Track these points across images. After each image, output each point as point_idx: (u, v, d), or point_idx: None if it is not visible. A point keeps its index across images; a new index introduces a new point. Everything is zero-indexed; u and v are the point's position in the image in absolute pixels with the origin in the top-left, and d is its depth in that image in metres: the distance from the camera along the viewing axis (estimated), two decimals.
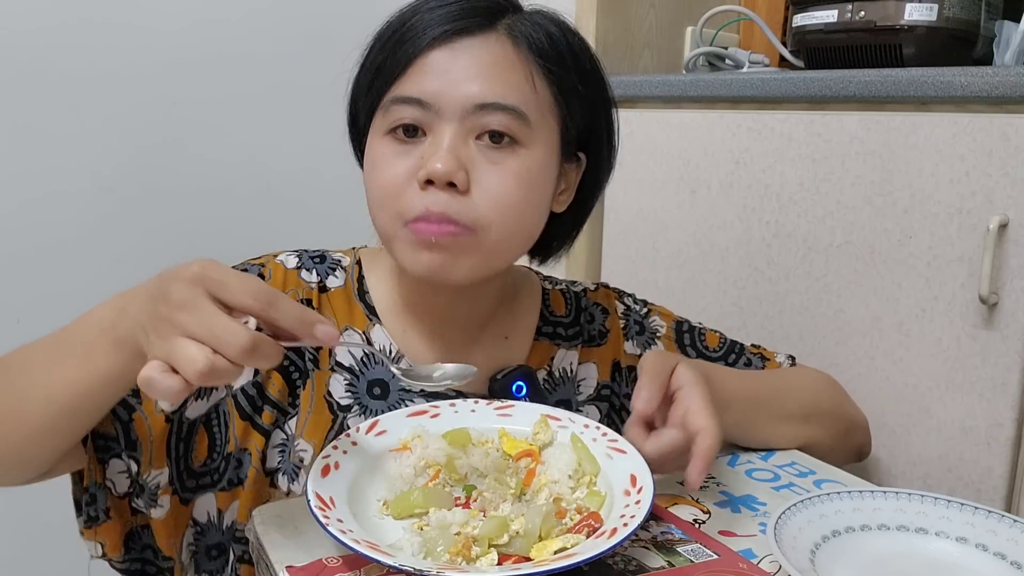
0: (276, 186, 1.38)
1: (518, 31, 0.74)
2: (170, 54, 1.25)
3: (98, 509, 0.72)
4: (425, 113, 0.72)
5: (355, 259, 0.85)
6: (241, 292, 0.56)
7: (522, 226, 0.76)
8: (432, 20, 0.73)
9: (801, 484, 0.75)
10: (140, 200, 1.26)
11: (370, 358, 0.80)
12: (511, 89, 0.72)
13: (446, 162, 0.70)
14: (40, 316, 1.20)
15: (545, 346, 0.87)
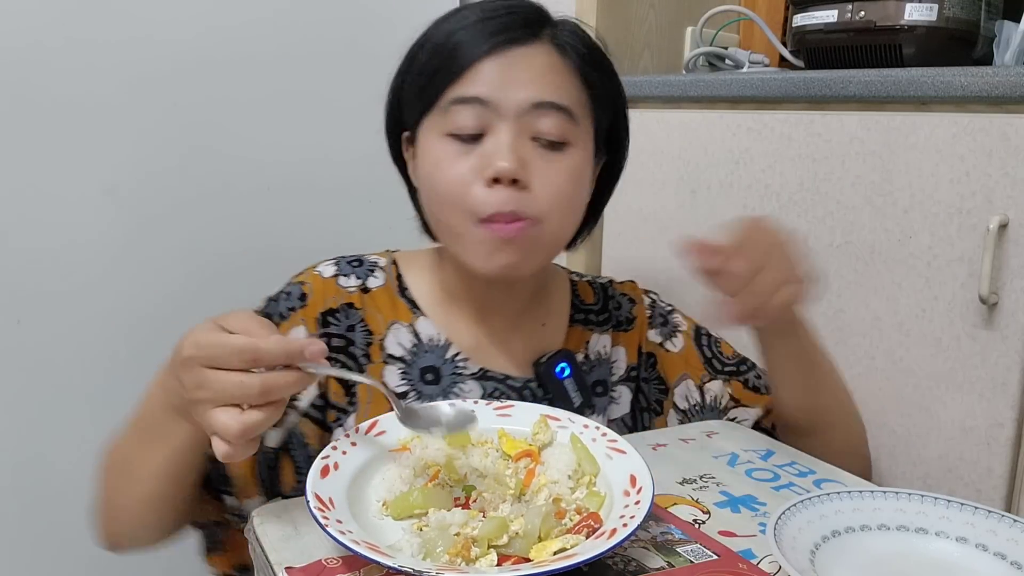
0: (276, 187, 1.38)
1: (560, 40, 0.82)
2: (175, 58, 1.25)
3: (215, 541, 0.82)
4: (485, 112, 0.78)
5: (391, 260, 0.92)
6: (230, 358, 0.60)
7: (573, 218, 0.84)
8: (484, 30, 0.79)
9: (801, 484, 0.75)
10: (140, 201, 1.25)
11: (419, 347, 0.87)
12: (562, 91, 0.80)
13: (511, 160, 0.76)
14: (40, 316, 1.21)
15: (579, 331, 0.95)
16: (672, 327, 0.99)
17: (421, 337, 0.87)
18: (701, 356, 0.97)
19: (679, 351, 0.98)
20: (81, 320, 1.23)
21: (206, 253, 1.31)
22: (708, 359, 0.97)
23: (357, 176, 1.41)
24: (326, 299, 0.85)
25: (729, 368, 0.97)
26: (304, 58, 1.36)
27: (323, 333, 0.84)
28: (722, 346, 0.99)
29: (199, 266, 1.31)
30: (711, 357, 0.98)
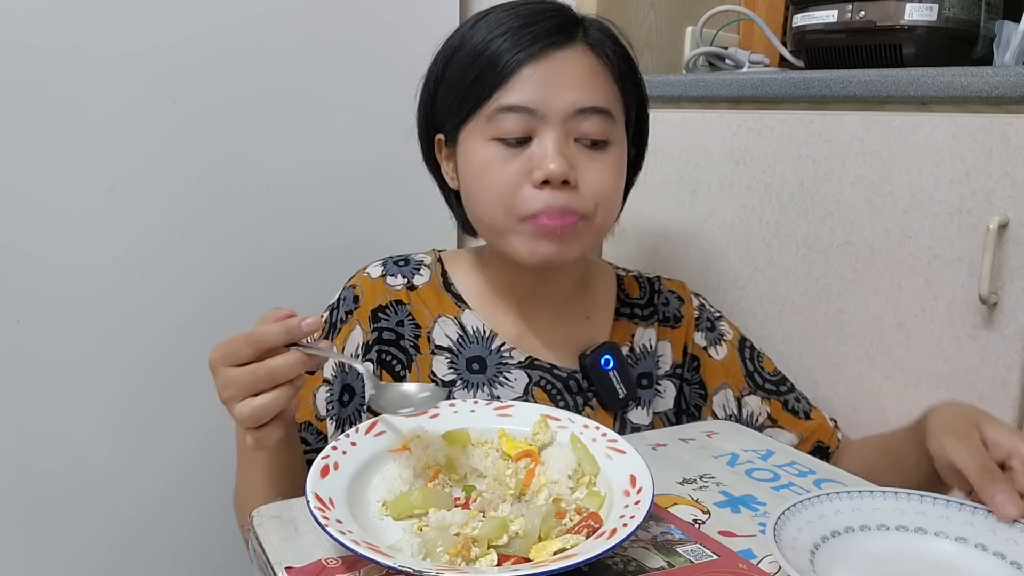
0: (279, 187, 1.37)
1: (593, 40, 0.84)
2: (177, 56, 1.25)
3: None
4: (531, 119, 0.81)
5: (436, 258, 0.96)
6: (240, 349, 0.66)
7: (616, 209, 0.88)
8: (524, 38, 0.81)
9: (801, 484, 0.75)
10: (141, 200, 1.25)
11: (464, 338, 0.91)
12: (601, 93, 0.83)
13: (560, 164, 0.79)
14: (40, 316, 1.21)
15: (625, 325, 0.97)
16: (718, 334, 1.01)
17: (467, 329, 0.91)
18: (743, 368, 0.99)
19: (722, 359, 0.99)
20: (81, 320, 1.23)
21: (207, 252, 1.31)
22: (750, 372, 0.99)
23: (360, 176, 1.41)
24: (375, 297, 0.90)
25: (769, 386, 0.99)
26: (308, 57, 1.36)
27: (374, 328, 0.89)
28: (764, 361, 1.01)
29: (200, 265, 1.31)
30: (753, 371, 0.99)
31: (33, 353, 1.20)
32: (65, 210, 1.20)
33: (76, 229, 1.22)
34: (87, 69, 1.19)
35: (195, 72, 1.27)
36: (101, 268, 1.24)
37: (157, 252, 1.28)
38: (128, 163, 1.24)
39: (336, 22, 1.37)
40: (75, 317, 1.23)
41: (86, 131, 1.20)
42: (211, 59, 1.28)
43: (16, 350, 1.19)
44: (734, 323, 1.04)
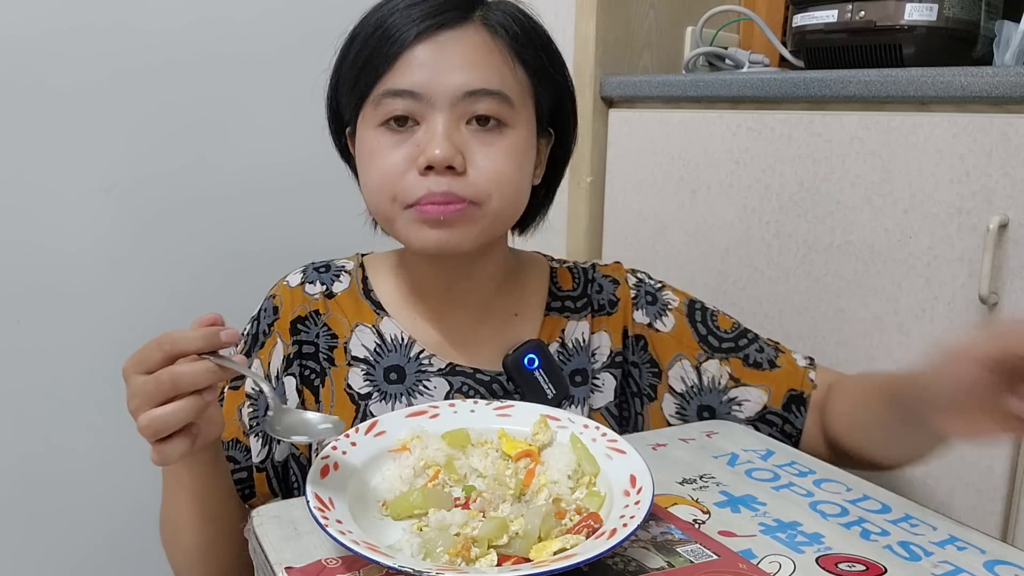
0: (276, 186, 1.37)
1: (492, 20, 0.80)
2: (174, 56, 1.25)
3: None
4: (417, 104, 0.77)
5: (359, 263, 0.92)
6: (151, 353, 0.63)
7: (516, 196, 0.82)
8: (412, 17, 0.77)
9: (801, 484, 0.75)
10: (139, 199, 1.25)
11: (382, 347, 0.87)
12: (494, 75, 0.78)
13: (444, 148, 0.75)
14: (40, 316, 1.21)
15: (555, 320, 0.92)
16: (662, 305, 0.94)
17: (385, 337, 0.87)
18: (695, 333, 0.92)
19: (670, 330, 0.93)
20: (81, 320, 1.23)
21: (206, 251, 1.31)
22: (703, 336, 0.92)
23: None
24: (294, 307, 0.87)
25: (727, 344, 0.92)
26: (304, 56, 1.36)
27: (294, 341, 0.86)
28: (719, 319, 0.94)
29: (199, 264, 1.31)
30: (706, 334, 0.92)
31: (32, 353, 1.20)
32: (65, 211, 1.20)
33: (76, 230, 1.22)
34: (88, 70, 1.19)
35: (194, 70, 1.27)
36: (101, 267, 1.24)
37: (157, 251, 1.28)
38: (127, 164, 1.24)
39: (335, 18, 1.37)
40: (75, 317, 1.23)
41: (86, 132, 1.20)
42: (210, 57, 1.28)
43: (16, 350, 1.19)
44: (681, 289, 0.97)
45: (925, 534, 0.67)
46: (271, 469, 0.84)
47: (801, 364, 0.92)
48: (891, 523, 0.69)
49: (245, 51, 1.31)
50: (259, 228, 1.36)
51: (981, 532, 0.68)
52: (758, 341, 0.93)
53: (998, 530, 0.92)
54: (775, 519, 0.68)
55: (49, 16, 1.15)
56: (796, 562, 0.61)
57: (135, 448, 1.31)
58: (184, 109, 1.27)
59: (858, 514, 0.70)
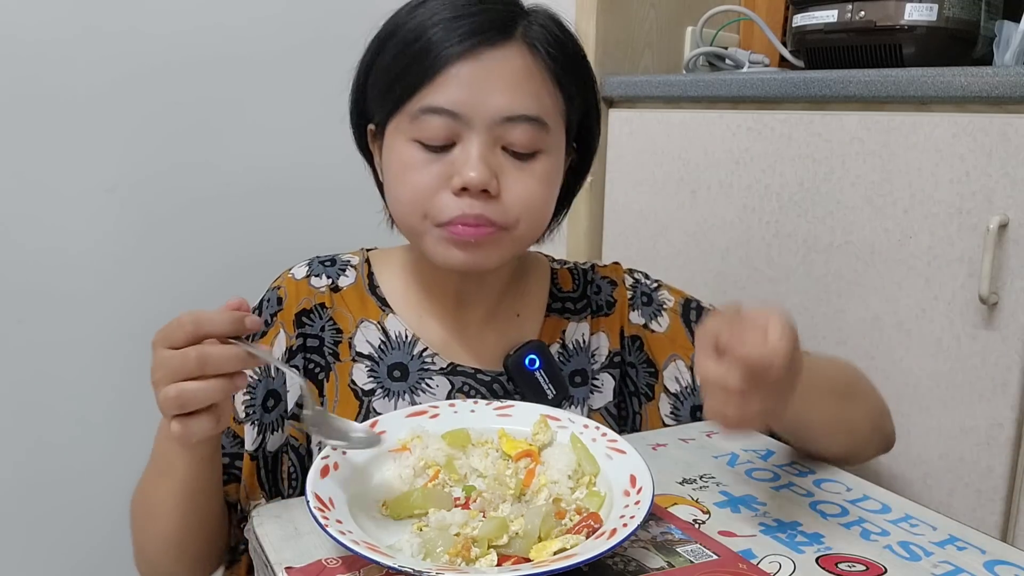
0: (278, 186, 1.38)
1: (533, 38, 0.79)
2: (177, 57, 1.25)
3: (235, 554, 0.84)
4: (455, 123, 0.76)
5: (364, 258, 0.92)
6: (177, 330, 0.63)
7: (543, 219, 0.83)
8: (456, 32, 0.76)
9: (801, 484, 0.75)
10: (142, 200, 1.26)
11: (387, 344, 0.86)
12: (533, 99, 0.78)
13: (480, 172, 0.75)
14: (41, 316, 1.21)
15: (556, 321, 0.92)
16: (657, 305, 0.94)
17: (389, 334, 0.87)
18: (689, 333, 0.92)
19: (665, 331, 0.93)
20: (83, 320, 1.23)
21: (208, 252, 1.31)
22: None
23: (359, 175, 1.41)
24: (299, 300, 0.87)
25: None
26: (307, 56, 1.36)
27: (299, 334, 0.85)
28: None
29: (201, 265, 1.31)
30: None
31: (34, 353, 1.20)
32: (66, 211, 1.20)
33: (79, 230, 1.22)
34: (89, 70, 1.19)
35: (197, 71, 1.27)
36: (103, 267, 1.24)
37: (159, 251, 1.28)
38: (130, 164, 1.24)
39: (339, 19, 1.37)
40: (77, 317, 1.23)
41: (87, 132, 1.20)
42: (214, 58, 1.28)
43: (17, 350, 1.19)
44: (681, 290, 0.96)
45: (925, 534, 0.67)
46: (262, 459, 0.82)
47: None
48: (891, 523, 0.69)
49: (248, 53, 1.31)
50: (261, 228, 1.36)
51: (981, 532, 0.68)
52: None
53: (998, 530, 0.92)
54: (775, 519, 0.68)
55: (54, 20, 1.15)
56: (796, 562, 0.61)
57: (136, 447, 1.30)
58: (186, 110, 1.27)
59: (858, 514, 0.70)
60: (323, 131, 1.40)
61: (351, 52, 1.37)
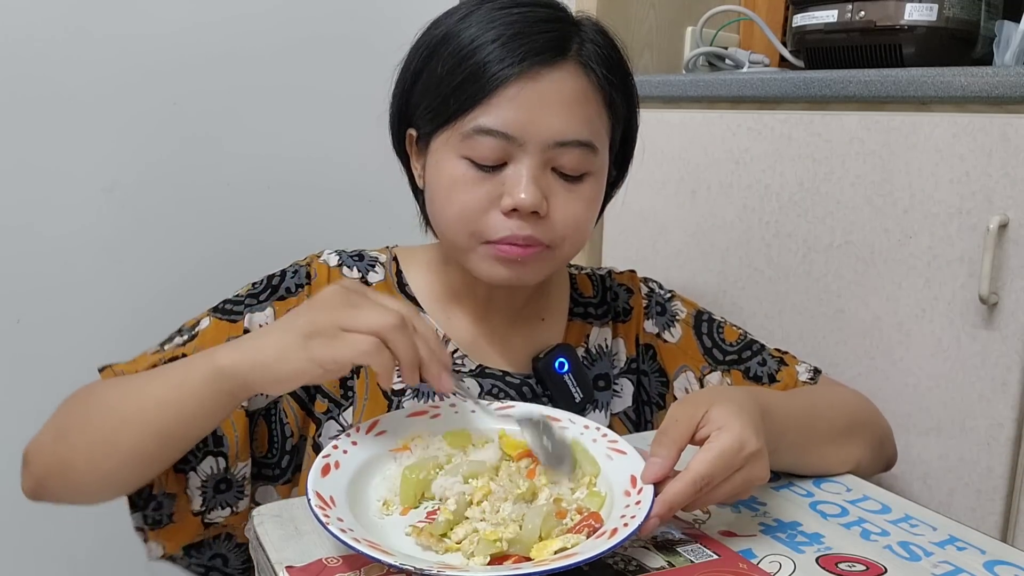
0: (277, 185, 1.38)
1: (587, 57, 0.79)
2: (176, 55, 1.25)
3: (163, 514, 0.76)
4: (508, 144, 0.76)
5: (391, 256, 0.91)
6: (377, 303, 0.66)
7: (586, 237, 0.84)
8: (513, 52, 0.75)
9: (801, 484, 0.75)
10: (140, 199, 1.25)
11: None
12: (586, 124, 0.78)
13: (532, 195, 0.76)
14: (40, 316, 1.21)
15: (579, 325, 0.94)
16: (670, 316, 0.95)
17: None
18: (700, 346, 0.93)
19: (677, 341, 0.94)
20: (81, 318, 1.23)
21: (206, 251, 1.31)
22: (708, 349, 0.93)
23: (357, 175, 1.41)
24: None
25: (731, 357, 0.92)
26: (305, 55, 1.36)
27: None
28: (725, 331, 0.94)
29: (199, 264, 1.31)
30: (711, 346, 0.93)
31: (33, 352, 1.20)
32: (65, 209, 1.20)
33: (76, 227, 1.22)
34: (88, 70, 1.19)
35: (195, 70, 1.27)
36: (101, 266, 1.24)
37: (157, 251, 1.28)
38: (128, 163, 1.24)
39: (337, 17, 1.37)
40: (75, 316, 1.23)
41: (84, 131, 1.20)
42: (212, 56, 1.28)
43: (16, 349, 1.19)
44: (693, 301, 0.98)
45: (925, 534, 0.67)
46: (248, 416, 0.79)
47: (803, 378, 0.91)
48: (891, 523, 0.69)
49: (246, 52, 1.31)
50: (260, 228, 1.36)
51: (981, 532, 0.68)
52: (762, 353, 0.92)
53: (998, 530, 0.92)
54: (775, 519, 0.68)
55: (52, 19, 1.15)
56: (796, 562, 0.61)
57: None
58: (184, 109, 1.27)
59: (858, 514, 0.70)
60: (322, 130, 1.40)
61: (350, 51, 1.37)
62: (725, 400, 0.67)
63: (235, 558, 0.83)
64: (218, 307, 0.84)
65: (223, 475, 0.77)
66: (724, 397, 0.68)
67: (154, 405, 0.69)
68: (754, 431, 0.64)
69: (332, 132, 1.40)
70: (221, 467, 0.77)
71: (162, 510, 0.75)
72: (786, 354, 0.93)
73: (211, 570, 0.82)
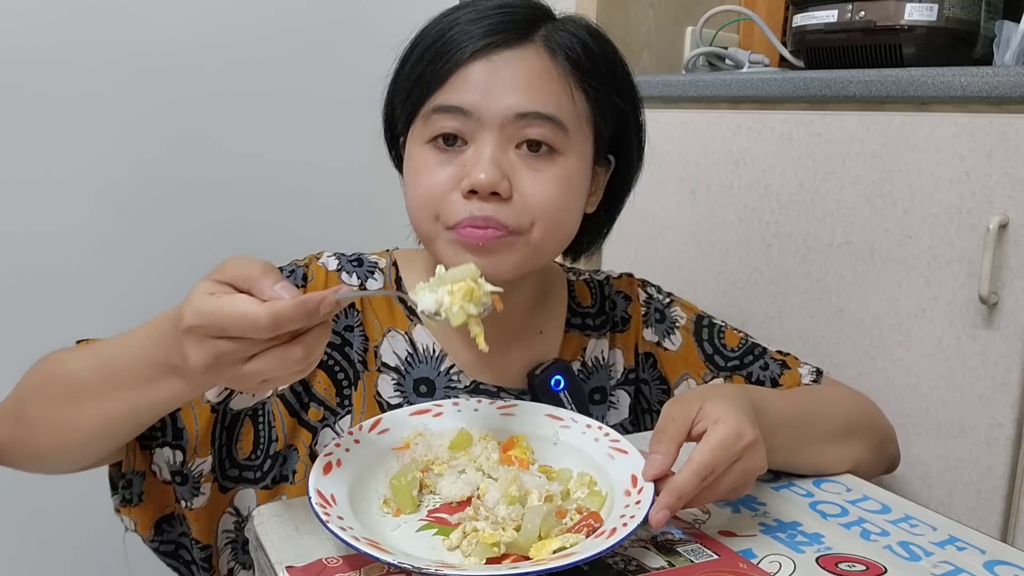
0: (274, 186, 1.38)
1: (554, 42, 0.77)
2: (172, 57, 1.25)
3: (133, 493, 0.74)
4: (466, 122, 0.74)
5: (391, 261, 0.88)
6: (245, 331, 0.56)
7: (561, 227, 0.80)
8: (471, 33, 0.75)
9: (801, 484, 0.75)
10: (137, 200, 1.26)
11: (414, 357, 0.84)
12: (550, 99, 0.75)
13: (490, 172, 0.73)
14: (40, 316, 1.21)
15: (576, 337, 0.91)
16: (670, 323, 0.94)
17: (417, 346, 0.84)
18: (701, 352, 0.92)
19: (678, 349, 0.93)
20: (79, 319, 1.23)
21: (204, 251, 1.31)
22: (709, 355, 0.92)
23: (356, 176, 1.41)
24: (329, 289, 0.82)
25: (733, 363, 0.91)
26: (301, 57, 1.36)
27: None
28: (726, 336, 0.93)
29: (197, 265, 1.30)
30: (713, 353, 0.92)
31: (32, 353, 1.20)
32: (63, 209, 1.20)
33: (73, 228, 1.22)
34: (87, 71, 1.19)
35: (192, 71, 1.27)
36: (99, 267, 1.24)
37: (155, 251, 1.28)
38: (125, 164, 1.24)
39: (334, 22, 1.37)
40: (73, 316, 1.23)
41: (81, 132, 1.20)
42: (208, 57, 1.28)
43: (15, 350, 1.19)
44: (692, 304, 0.96)
45: (925, 534, 0.67)
46: (221, 413, 0.76)
47: (806, 380, 0.91)
48: (891, 523, 0.69)
49: (243, 54, 1.31)
50: (258, 228, 1.36)
51: (981, 532, 0.68)
52: (764, 357, 0.92)
53: (998, 530, 0.92)
54: (775, 519, 0.68)
55: (51, 20, 1.15)
56: (796, 562, 0.61)
57: None
58: (180, 110, 1.27)
59: (858, 514, 0.70)
60: (320, 131, 1.40)
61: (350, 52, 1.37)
62: (717, 396, 0.68)
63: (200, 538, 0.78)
64: None
65: (179, 468, 0.75)
66: (716, 393, 0.69)
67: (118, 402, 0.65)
68: (748, 422, 0.65)
69: (328, 133, 1.40)
70: (178, 460, 0.74)
71: (132, 489, 0.73)
72: (788, 356, 0.93)
73: (179, 548, 0.78)
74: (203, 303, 0.57)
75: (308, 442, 0.80)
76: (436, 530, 0.63)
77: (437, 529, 0.63)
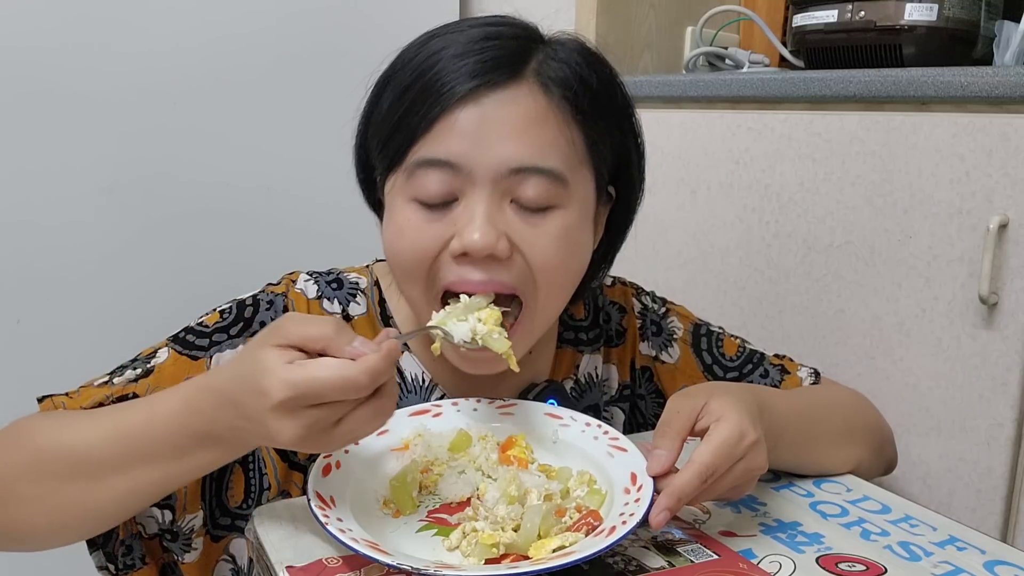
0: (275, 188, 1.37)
1: (547, 76, 0.69)
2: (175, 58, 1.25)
3: (135, 557, 0.71)
4: (456, 176, 0.67)
5: (372, 280, 0.82)
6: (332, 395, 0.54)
7: (566, 285, 0.74)
8: (457, 72, 0.67)
9: (801, 484, 0.75)
10: (139, 202, 1.25)
11: (402, 387, 0.79)
12: (547, 148, 0.68)
13: (485, 234, 0.66)
14: (40, 317, 1.21)
15: (569, 354, 0.87)
16: (667, 335, 0.90)
17: (405, 376, 0.79)
18: (700, 363, 0.89)
19: (675, 361, 0.90)
20: (80, 320, 1.23)
21: (205, 252, 1.31)
22: (708, 366, 0.89)
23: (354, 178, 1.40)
24: None
25: (732, 373, 0.89)
26: (305, 62, 1.36)
27: None
28: (724, 345, 0.90)
29: (198, 266, 1.31)
30: (711, 363, 0.89)
31: (32, 353, 1.20)
32: (64, 210, 1.20)
33: (75, 229, 1.22)
34: (87, 71, 1.19)
35: (195, 73, 1.27)
36: (100, 268, 1.24)
37: (156, 252, 1.28)
38: (128, 164, 1.24)
39: (336, 27, 1.37)
40: (75, 317, 1.23)
41: (86, 132, 1.20)
42: (212, 59, 1.28)
43: (16, 350, 1.19)
44: (687, 311, 0.93)
45: (925, 534, 0.67)
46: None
47: (805, 384, 0.90)
48: (891, 523, 0.69)
49: (247, 57, 1.31)
50: (259, 229, 1.36)
51: (981, 532, 0.68)
52: (763, 364, 0.90)
53: (998, 530, 0.92)
54: (775, 519, 0.68)
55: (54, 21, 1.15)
56: (796, 562, 0.61)
57: None
58: (184, 111, 1.27)
59: (858, 514, 0.70)
60: (321, 137, 1.40)
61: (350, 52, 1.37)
62: (723, 392, 0.67)
63: None
64: (178, 337, 0.75)
65: (169, 527, 0.71)
66: (721, 390, 0.68)
67: (147, 480, 0.62)
68: (751, 421, 0.65)
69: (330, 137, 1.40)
70: (167, 519, 0.71)
71: (133, 554, 0.71)
72: (785, 359, 0.92)
73: None
74: (290, 374, 0.53)
75: (301, 484, 0.75)
76: (436, 531, 0.63)
77: (437, 530, 0.63)
